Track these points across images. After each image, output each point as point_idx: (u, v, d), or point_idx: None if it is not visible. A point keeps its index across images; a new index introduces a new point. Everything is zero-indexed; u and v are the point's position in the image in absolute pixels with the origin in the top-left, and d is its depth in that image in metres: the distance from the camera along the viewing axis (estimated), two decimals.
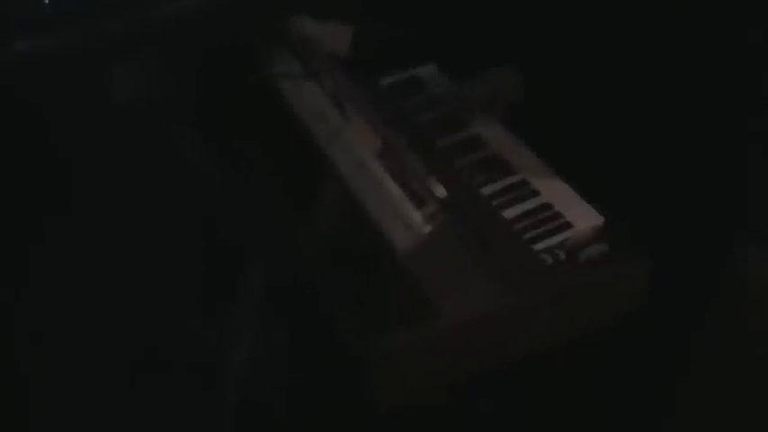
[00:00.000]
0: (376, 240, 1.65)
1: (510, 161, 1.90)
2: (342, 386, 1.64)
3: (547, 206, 1.80)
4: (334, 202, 1.76)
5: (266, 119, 1.99)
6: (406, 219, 1.63)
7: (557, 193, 1.83)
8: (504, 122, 1.97)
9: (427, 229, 1.60)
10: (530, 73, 1.98)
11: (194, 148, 2.01)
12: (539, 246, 1.72)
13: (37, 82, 2.01)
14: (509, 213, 1.78)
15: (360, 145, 1.75)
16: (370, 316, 1.58)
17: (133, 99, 2.02)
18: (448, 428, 1.71)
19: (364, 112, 1.79)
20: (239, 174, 1.93)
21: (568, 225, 1.76)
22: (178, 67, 2.05)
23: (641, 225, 1.70)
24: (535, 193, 1.83)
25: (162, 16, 2.06)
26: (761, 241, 1.75)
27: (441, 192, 1.59)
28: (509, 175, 1.87)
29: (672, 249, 1.70)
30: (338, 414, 1.68)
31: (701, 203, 1.76)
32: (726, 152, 1.73)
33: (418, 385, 1.61)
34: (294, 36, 2.01)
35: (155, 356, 1.85)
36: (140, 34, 2.05)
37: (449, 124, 2.00)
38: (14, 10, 2.07)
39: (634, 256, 1.71)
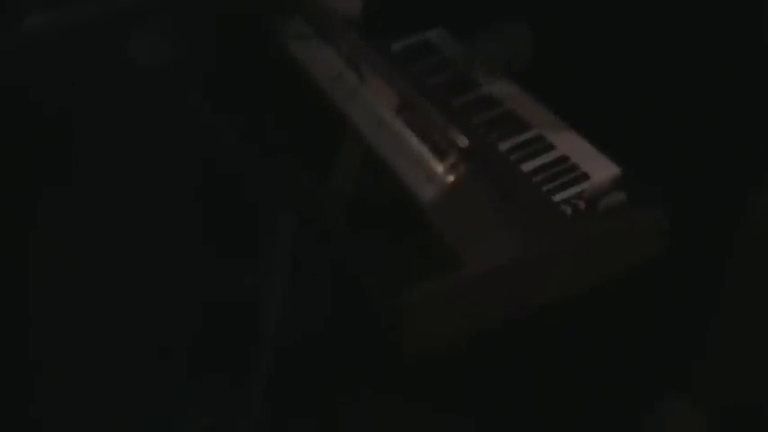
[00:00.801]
0: (399, 193, 1.67)
1: (524, 117, 1.92)
2: (370, 334, 1.66)
3: (564, 159, 1.82)
4: (356, 159, 1.77)
5: (282, 83, 2.00)
6: (429, 170, 1.64)
7: (572, 146, 1.85)
8: (515, 77, 1.98)
9: (450, 179, 1.61)
10: (538, 26, 2.00)
11: (215, 113, 2.02)
12: (558, 197, 1.74)
13: (51, 57, 2.02)
14: (527, 167, 1.81)
15: (378, 102, 1.77)
16: (396, 267, 1.60)
17: (153, 65, 2.03)
18: (468, 375, 1.73)
19: (380, 71, 1.80)
20: (259, 138, 1.94)
21: (586, 176, 1.78)
22: (194, 34, 2.05)
23: (660, 172, 1.72)
24: (551, 147, 1.85)
25: None
26: None
27: (462, 141, 1.60)
28: (524, 130, 1.89)
29: (692, 193, 1.71)
30: (367, 361, 1.70)
31: (718, 147, 1.78)
32: (739, 93, 1.75)
33: (443, 333, 1.63)
34: (305, 1, 2.02)
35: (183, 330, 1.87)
36: (153, 4, 2.05)
37: (460, 85, 2.02)
38: None
39: (652, 202, 1.73)
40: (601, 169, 1.79)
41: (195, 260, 1.93)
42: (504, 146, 1.85)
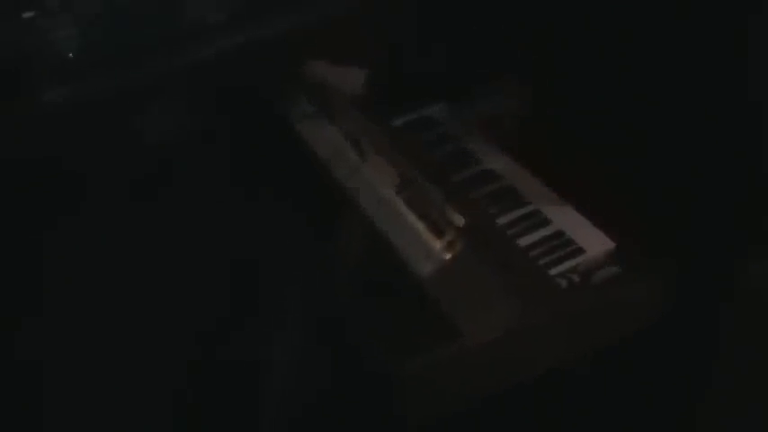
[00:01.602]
0: (399, 269, 1.73)
1: (522, 192, 1.98)
2: (374, 403, 1.71)
3: (559, 233, 1.88)
4: (358, 235, 1.84)
5: (287, 160, 2.08)
6: (427, 248, 1.71)
7: (568, 220, 1.91)
8: (509, 145, 2.05)
9: (447, 256, 1.68)
10: (535, 92, 2.07)
11: (222, 189, 2.09)
12: (553, 271, 1.80)
13: (66, 131, 2.10)
14: (524, 242, 1.86)
15: (378, 180, 1.84)
16: (398, 339, 1.66)
17: (161, 141, 2.11)
18: None
19: (380, 149, 1.88)
20: (267, 213, 2.01)
21: (581, 250, 1.84)
22: (200, 111, 2.13)
23: (654, 244, 1.77)
24: (547, 222, 1.91)
25: (181, 64, 2.16)
26: None
27: (459, 220, 1.67)
28: (522, 205, 1.95)
29: (687, 264, 1.76)
30: (370, 429, 1.74)
31: (713, 218, 1.83)
32: (734, 166, 1.80)
33: (444, 401, 1.68)
34: (309, 78, 2.10)
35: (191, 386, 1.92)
36: (160, 82, 2.14)
37: (462, 160, 2.09)
38: (40, 63, 2.16)
39: (646, 275, 1.78)
40: (595, 243, 1.84)
41: (201, 322, 1.98)
42: (502, 220, 1.90)
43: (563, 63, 2.04)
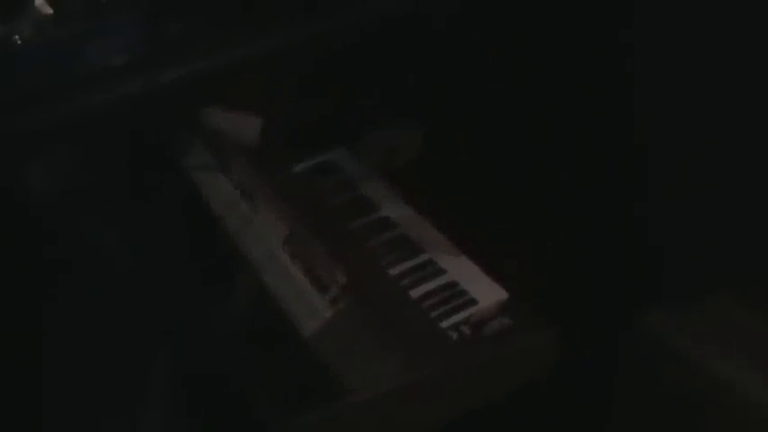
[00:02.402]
0: (284, 325, 1.71)
1: (417, 241, 1.98)
2: None
3: (453, 284, 1.87)
4: (245, 289, 1.82)
5: (181, 208, 2.06)
6: (311, 304, 1.69)
7: (462, 270, 1.90)
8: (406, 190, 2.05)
9: (330, 313, 1.66)
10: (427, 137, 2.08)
11: (109, 237, 2.06)
12: (445, 323, 1.79)
13: None
14: (417, 292, 1.85)
15: (268, 233, 1.82)
16: (283, 396, 1.64)
17: (53, 189, 2.08)
18: None
19: (272, 202, 1.86)
20: (153, 261, 1.98)
21: (473, 301, 1.83)
22: (95, 158, 2.11)
23: (547, 297, 1.77)
24: (441, 272, 1.90)
25: (78, 109, 2.12)
26: (667, 305, 1.83)
27: (342, 277, 1.66)
28: (416, 255, 1.94)
29: (578, 318, 1.77)
30: None
31: (605, 270, 1.84)
32: (625, 217, 1.81)
33: None
34: (206, 127, 2.09)
35: None
36: (56, 127, 2.10)
37: (358, 206, 2.08)
38: None
39: (538, 328, 1.78)
40: (488, 294, 1.84)
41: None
42: (395, 270, 1.89)
43: (454, 108, 2.05)
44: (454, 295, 1.85)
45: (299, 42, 2.26)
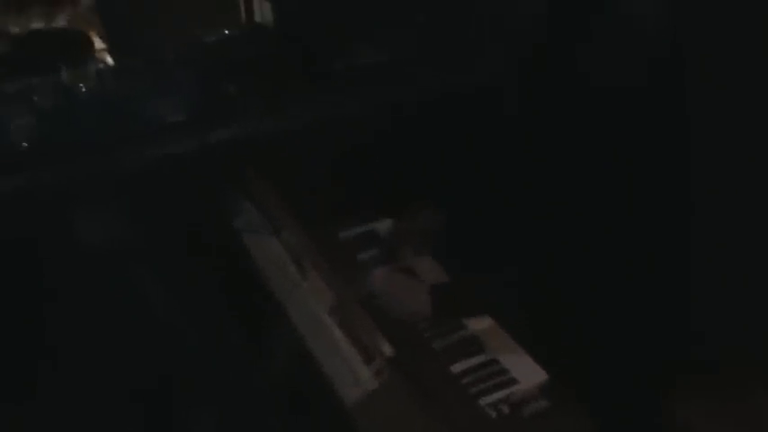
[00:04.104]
0: (327, 392, 1.73)
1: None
2: None
3: (493, 361, 1.88)
4: (290, 353, 1.84)
5: (230, 269, 2.09)
6: (355, 373, 1.71)
7: (503, 349, 1.91)
8: None
9: (374, 384, 1.68)
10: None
11: (158, 294, 2.09)
12: (484, 400, 1.80)
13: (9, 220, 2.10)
14: (457, 368, 1.86)
15: (315, 300, 1.84)
16: None
17: (105, 242, 2.11)
18: None
19: (320, 269, 1.89)
20: (201, 320, 2.01)
21: (514, 381, 1.84)
22: (147, 213, 2.15)
23: (586, 382, 1.78)
24: (482, 349, 1.91)
25: (134, 163, 2.17)
26: (699, 397, 1.83)
27: (388, 349, 1.67)
28: (459, 330, 1.95)
29: (614, 406, 1.77)
30: None
31: (643, 361, 1.85)
32: (663, 316, 1.82)
33: None
34: (258, 191, 2.13)
35: None
36: (110, 181, 2.15)
37: None
38: None
39: (576, 412, 1.78)
40: (529, 374, 1.85)
41: None
42: (437, 344, 1.90)
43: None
44: (494, 373, 1.86)
45: (352, 113, 2.31)
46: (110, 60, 2.58)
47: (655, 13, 1.90)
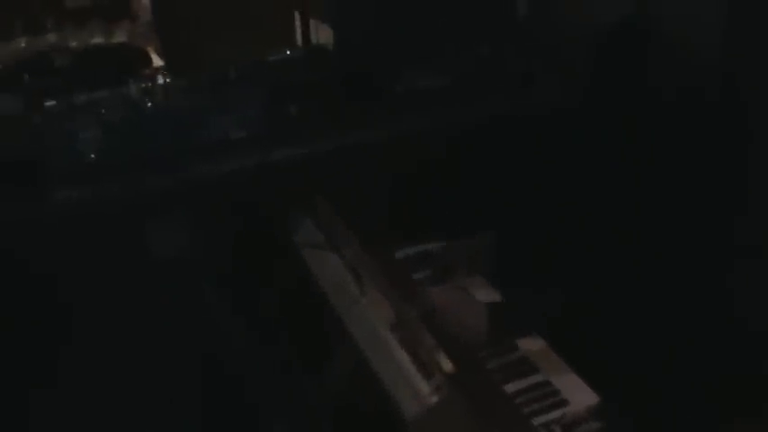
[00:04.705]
0: (385, 406, 1.77)
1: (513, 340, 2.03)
2: None
3: (546, 383, 1.92)
4: (349, 367, 1.88)
5: (288, 283, 2.13)
6: (415, 388, 1.75)
7: (555, 370, 1.95)
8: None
9: (434, 399, 1.72)
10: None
11: (218, 308, 2.14)
12: (537, 420, 1.83)
13: (75, 232, 2.15)
14: (510, 388, 1.90)
15: (375, 316, 1.89)
16: None
17: (166, 253, 2.17)
18: None
19: (380, 286, 1.93)
20: (259, 333, 2.06)
21: (565, 402, 1.87)
22: (210, 227, 2.20)
23: (636, 406, 1.81)
24: (535, 371, 1.95)
25: (196, 177, 2.23)
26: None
27: (448, 365, 1.71)
28: (513, 351, 1.99)
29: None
30: None
31: (694, 390, 1.88)
32: (714, 339, 1.86)
33: None
34: (319, 209, 2.18)
35: None
36: (174, 193, 2.20)
37: None
38: (59, 159, 2.23)
39: None
40: (580, 397, 1.88)
41: None
42: (491, 364, 1.94)
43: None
44: (547, 394, 1.89)
45: (408, 136, 2.37)
46: (167, 77, 2.64)
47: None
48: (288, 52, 2.59)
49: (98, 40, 2.83)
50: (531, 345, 2.01)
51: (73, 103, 2.36)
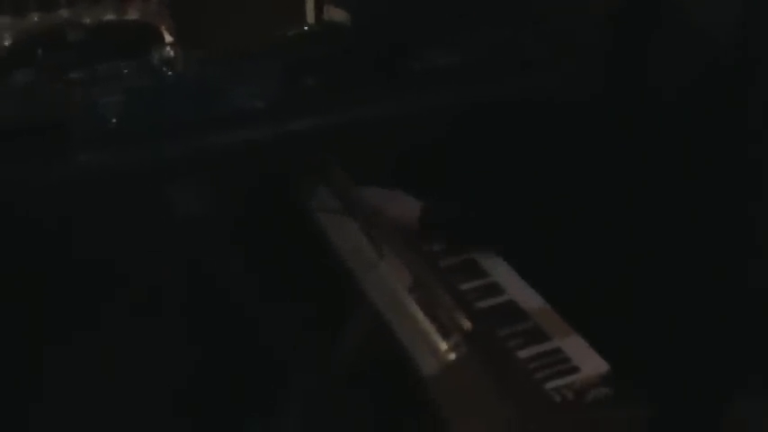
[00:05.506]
0: (403, 363, 1.80)
1: (524, 308, 2.07)
2: None
3: (557, 350, 1.95)
4: (367, 326, 1.92)
5: (306, 247, 2.17)
6: (433, 346, 1.79)
7: (566, 339, 1.98)
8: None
9: (452, 356, 1.75)
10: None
11: (237, 272, 2.18)
12: (549, 385, 1.87)
13: (96, 196, 2.19)
14: (523, 354, 1.94)
15: (393, 279, 1.93)
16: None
17: (185, 219, 2.20)
18: None
19: (398, 252, 1.97)
20: (277, 295, 2.09)
21: (576, 369, 1.91)
22: (228, 191, 2.23)
23: (646, 372, 1.85)
24: (547, 338, 1.99)
25: (215, 144, 2.27)
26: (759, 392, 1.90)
27: (466, 324, 1.75)
28: (524, 320, 2.03)
29: (674, 397, 1.84)
30: None
31: (705, 352, 1.91)
32: (725, 302, 1.89)
33: None
34: (335, 178, 2.22)
35: None
36: (194, 159, 2.24)
37: (470, 270, 2.18)
38: (82, 123, 2.26)
39: (636, 402, 1.85)
40: (591, 364, 1.92)
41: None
42: (503, 331, 1.98)
43: None
44: (558, 361, 1.93)
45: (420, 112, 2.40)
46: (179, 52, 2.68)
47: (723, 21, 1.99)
48: (305, 28, 2.63)
49: (110, 17, 2.85)
50: (531, 303, 2.04)
51: (96, 72, 2.39)
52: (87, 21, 2.78)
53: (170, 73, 2.39)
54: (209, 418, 2.06)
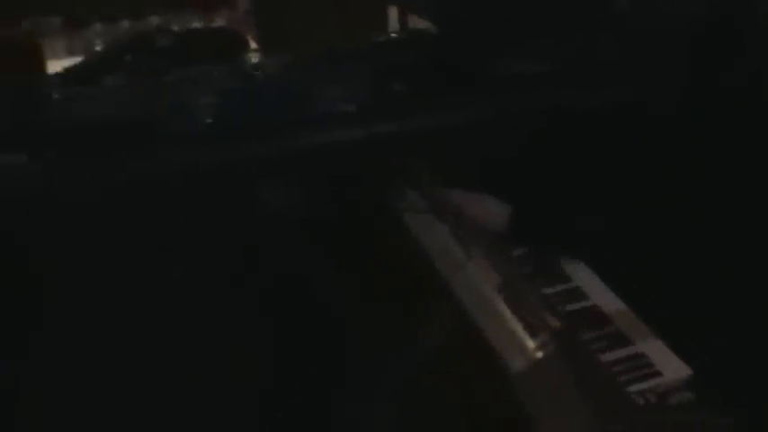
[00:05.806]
0: (490, 360, 1.84)
1: (607, 313, 2.10)
2: None
3: (640, 355, 1.98)
4: (455, 324, 1.96)
5: (392, 246, 2.22)
6: (521, 344, 1.82)
7: (648, 343, 2.01)
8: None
9: (539, 354, 1.79)
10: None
11: (324, 268, 2.23)
12: (632, 388, 1.90)
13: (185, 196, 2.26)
14: (606, 357, 1.97)
15: (481, 279, 1.97)
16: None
17: (273, 217, 2.26)
18: None
19: (486, 253, 2.01)
20: (365, 295, 2.14)
21: (658, 373, 1.94)
22: (317, 192, 2.29)
23: (730, 378, 1.87)
24: (629, 342, 2.01)
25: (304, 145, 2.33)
26: None
27: (554, 322, 1.78)
28: (606, 324, 2.06)
29: (759, 403, 1.85)
30: None
31: None
32: None
33: None
34: (422, 181, 2.27)
35: None
36: (282, 160, 2.30)
37: (550, 272, 2.21)
38: (175, 122, 2.33)
39: (719, 408, 1.87)
40: (673, 368, 1.95)
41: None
42: (586, 336, 2.01)
43: None
44: (641, 365, 1.95)
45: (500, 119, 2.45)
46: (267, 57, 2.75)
47: None
48: (392, 35, 2.69)
49: (197, 24, 2.94)
50: (612, 307, 2.07)
51: (191, 74, 2.47)
52: (175, 28, 2.87)
53: (261, 76, 2.45)
54: (297, 418, 2.12)
